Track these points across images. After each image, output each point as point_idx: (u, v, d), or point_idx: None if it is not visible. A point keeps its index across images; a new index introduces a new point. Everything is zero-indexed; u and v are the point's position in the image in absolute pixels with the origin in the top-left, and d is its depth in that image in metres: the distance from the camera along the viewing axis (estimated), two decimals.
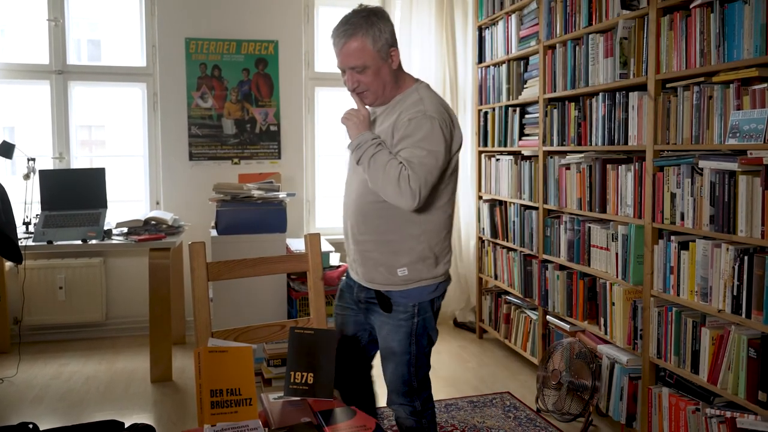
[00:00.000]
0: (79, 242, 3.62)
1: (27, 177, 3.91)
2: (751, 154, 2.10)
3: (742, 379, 2.18)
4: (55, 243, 3.60)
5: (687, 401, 2.44)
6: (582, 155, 3.07)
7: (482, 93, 4.24)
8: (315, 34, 4.66)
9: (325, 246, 3.92)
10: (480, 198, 4.29)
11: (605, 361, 2.92)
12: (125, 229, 3.75)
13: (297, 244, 3.92)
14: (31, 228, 3.86)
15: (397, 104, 2.02)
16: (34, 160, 3.92)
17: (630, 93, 2.75)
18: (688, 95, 2.41)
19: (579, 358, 2.98)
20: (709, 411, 2.30)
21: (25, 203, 3.94)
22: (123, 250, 4.31)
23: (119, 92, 4.61)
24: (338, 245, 3.91)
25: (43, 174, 3.89)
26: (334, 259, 3.90)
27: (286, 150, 4.55)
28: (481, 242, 4.32)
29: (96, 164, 4.59)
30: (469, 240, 4.70)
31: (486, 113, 4.18)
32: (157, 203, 4.47)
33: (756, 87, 2.13)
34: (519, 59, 3.78)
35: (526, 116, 3.72)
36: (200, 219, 4.26)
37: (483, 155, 4.25)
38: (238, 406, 1.47)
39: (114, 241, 3.62)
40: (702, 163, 2.30)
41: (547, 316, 3.50)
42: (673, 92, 2.50)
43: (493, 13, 4.01)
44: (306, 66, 4.60)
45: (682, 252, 2.44)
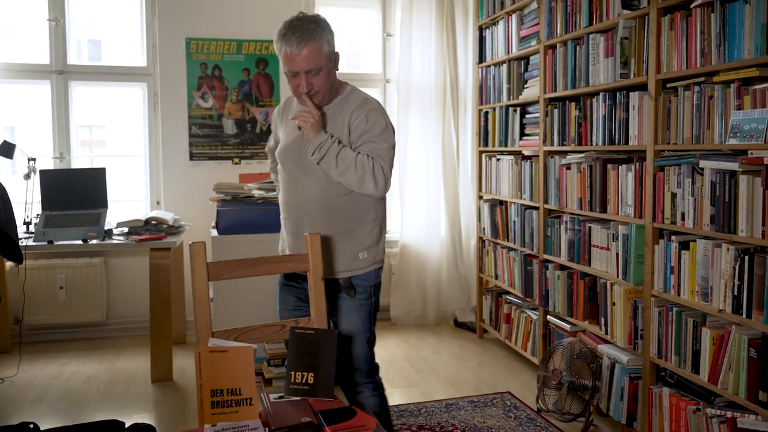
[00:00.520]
0: (80, 242, 3.62)
1: (27, 177, 3.91)
2: (751, 153, 2.10)
3: (743, 379, 2.17)
4: (56, 243, 3.60)
5: (687, 401, 2.44)
6: (582, 155, 3.07)
7: (483, 93, 4.23)
8: None
9: None
10: (480, 198, 4.29)
11: (606, 361, 2.92)
12: (126, 229, 3.75)
13: None
14: (32, 228, 3.86)
15: (340, 104, 2.16)
16: (34, 159, 3.92)
17: (630, 93, 2.75)
18: (689, 95, 2.41)
19: (579, 358, 2.98)
20: (709, 411, 2.30)
21: (26, 203, 3.94)
22: (123, 250, 4.31)
23: (120, 92, 4.61)
24: None
25: (44, 174, 3.89)
26: None
27: None
28: (482, 242, 4.32)
29: (96, 164, 4.60)
30: (469, 240, 4.70)
31: (486, 113, 4.18)
32: (158, 203, 4.47)
33: (757, 87, 2.13)
34: (519, 59, 3.78)
35: (527, 116, 3.72)
36: (201, 219, 4.26)
37: (483, 155, 4.25)
38: (239, 405, 1.47)
39: (114, 241, 3.63)
40: (702, 163, 2.30)
41: (548, 316, 3.50)
42: (674, 92, 2.49)
43: (494, 13, 4.01)
44: None
45: (682, 252, 2.44)
